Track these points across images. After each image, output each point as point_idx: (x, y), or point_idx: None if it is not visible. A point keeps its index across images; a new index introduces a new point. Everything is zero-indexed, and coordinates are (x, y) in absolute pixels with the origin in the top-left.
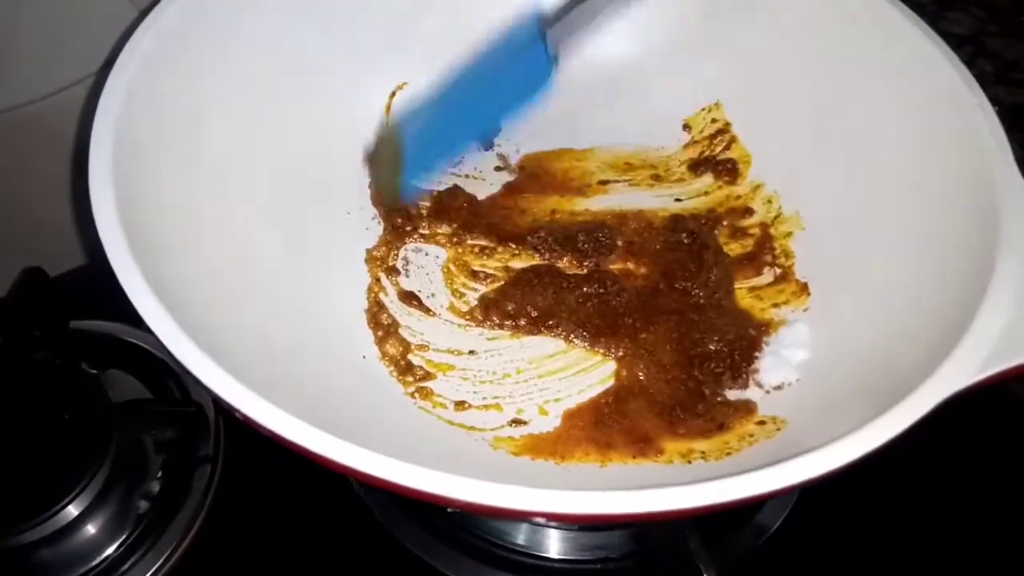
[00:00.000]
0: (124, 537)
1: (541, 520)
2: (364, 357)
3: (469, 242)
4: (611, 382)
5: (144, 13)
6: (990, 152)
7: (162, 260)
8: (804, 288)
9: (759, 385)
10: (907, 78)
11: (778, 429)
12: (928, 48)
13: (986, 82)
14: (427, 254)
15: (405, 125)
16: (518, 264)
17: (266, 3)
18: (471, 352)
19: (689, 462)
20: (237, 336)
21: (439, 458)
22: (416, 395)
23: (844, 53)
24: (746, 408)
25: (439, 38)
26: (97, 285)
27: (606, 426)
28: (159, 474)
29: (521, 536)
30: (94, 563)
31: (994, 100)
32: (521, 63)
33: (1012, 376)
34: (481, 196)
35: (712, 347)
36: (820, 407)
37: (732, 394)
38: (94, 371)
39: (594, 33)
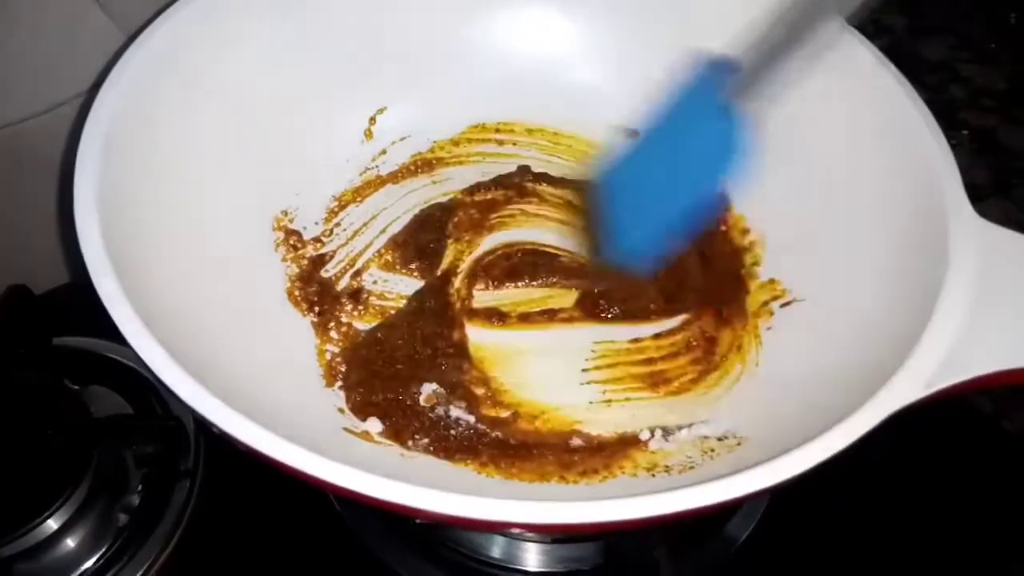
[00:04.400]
0: (103, 551)
1: (515, 531)
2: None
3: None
4: None
5: (131, 38)
6: (941, 180)
7: (145, 282)
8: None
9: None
10: (865, 109)
11: (738, 444)
12: (885, 81)
13: (956, 107)
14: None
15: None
16: None
17: (251, 31)
18: None
19: (653, 475)
20: (216, 355)
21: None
22: None
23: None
24: None
25: (417, 62)
26: (80, 302)
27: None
28: (139, 488)
29: (496, 549)
30: None
31: (963, 124)
32: (703, 128)
33: (959, 392)
34: None
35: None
36: (777, 423)
37: None
38: (76, 387)
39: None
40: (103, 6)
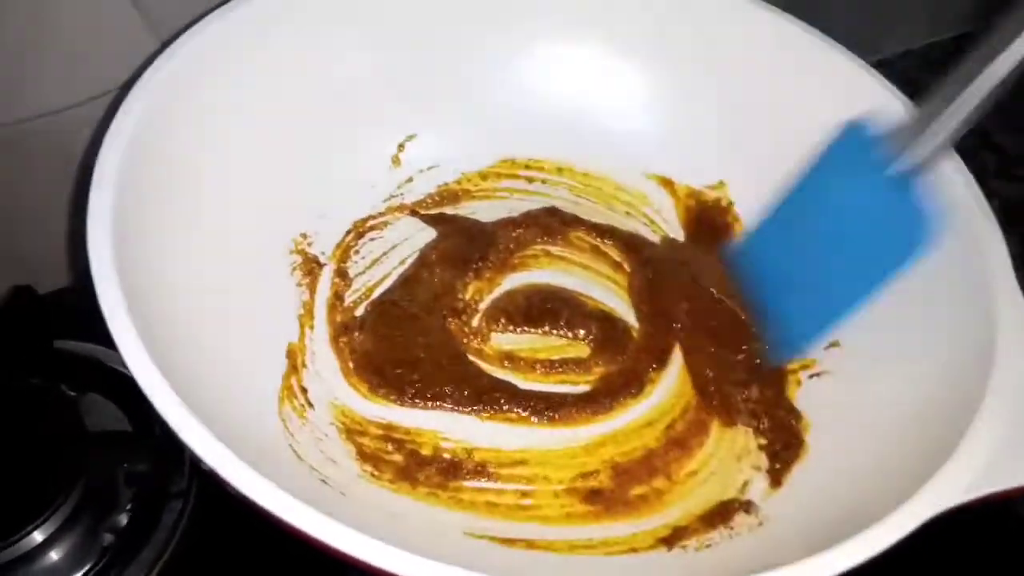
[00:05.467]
0: (87, 569)
1: None
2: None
3: None
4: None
5: (164, 45)
6: (993, 273)
7: (152, 298)
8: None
9: None
10: None
11: (760, 524)
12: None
13: (986, 174)
14: None
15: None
16: None
17: (287, 48)
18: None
19: (670, 550)
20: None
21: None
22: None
23: None
24: None
25: (451, 91)
26: (84, 305)
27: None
28: (128, 506)
29: None
30: None
31: (993, 193)
32: (874, 212)
33: (1000, 499)
34: None
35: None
36: (804, 512)
37: None
38: (73, 393)
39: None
40: (136, 3)
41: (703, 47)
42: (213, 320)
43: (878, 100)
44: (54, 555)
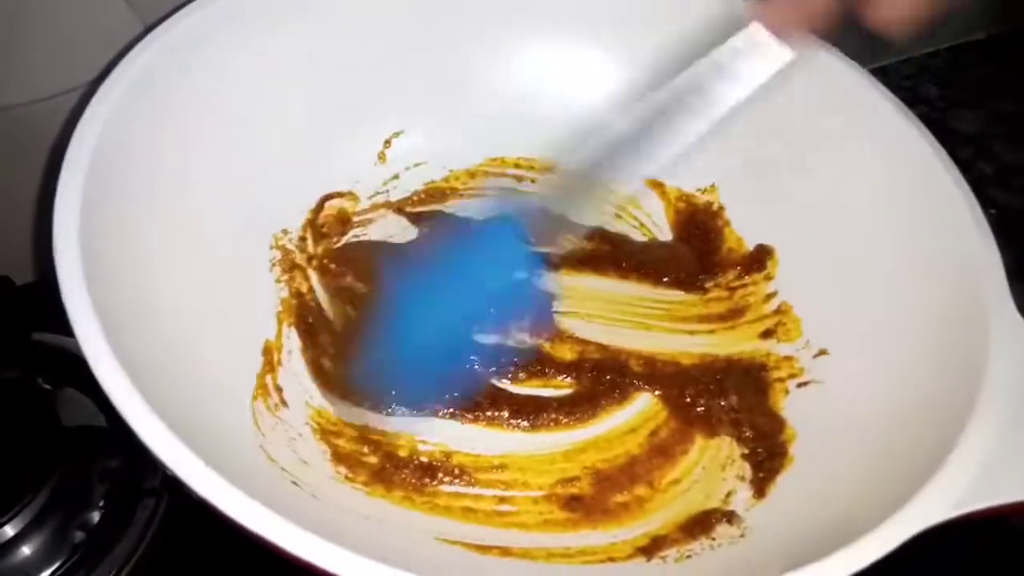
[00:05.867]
0: (58, 565)
1: None
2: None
3: None
4: None
5: (144, 33)
6: (985, 283)
7: (121, 294)
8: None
9: None
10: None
11: (741, 535)
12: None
13: (983, 183)
14: None
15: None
16: None
17: (270, 39)
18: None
19: (648, 560)
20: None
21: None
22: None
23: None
24: None
25: (440, 87)
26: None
27: None
28: (101, 503)
29: None
30: None
31: (992, 203)
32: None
33: (991, 515)
34: None
35: None
36: (787, 523)
37: None
38: (49, 387)
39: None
40: None
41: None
42: (185, 314)
43: (872, 103)
44: (26, 550)
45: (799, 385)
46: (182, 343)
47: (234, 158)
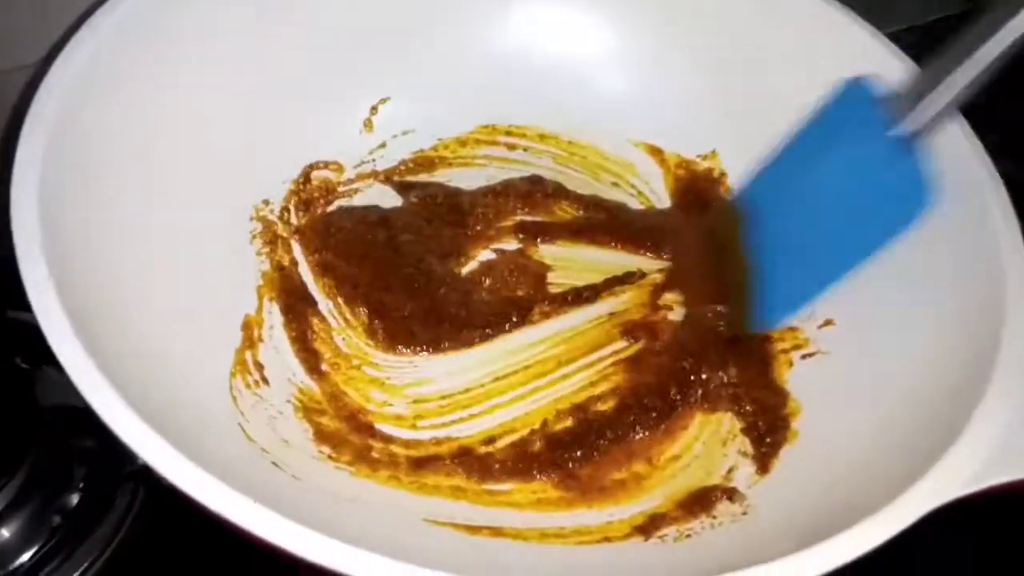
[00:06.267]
0: (36, 549)
1: None
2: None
3: None
4: None
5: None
6: (999, 243)
7: (85, 274)
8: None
9: None
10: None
11: (744, 513)
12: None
13: (992, 153)
14: None
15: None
16: None
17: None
18: None
19: (646, 540)
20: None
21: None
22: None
23: None
24: None
25: (428, 51)
26: None
27: None
28: (81, 485)
29: None
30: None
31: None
32: (876, 173)
33: (1005, 492)
34: None
35: None
36: (791, 499)
37: None
38: (27, 366)
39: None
40: None
41: (689, 5)
42: (156, 289)
43: (878, 61)
44: (3, 533)
45: (803, 357)
46: (152, 319)
47: (210, 124)
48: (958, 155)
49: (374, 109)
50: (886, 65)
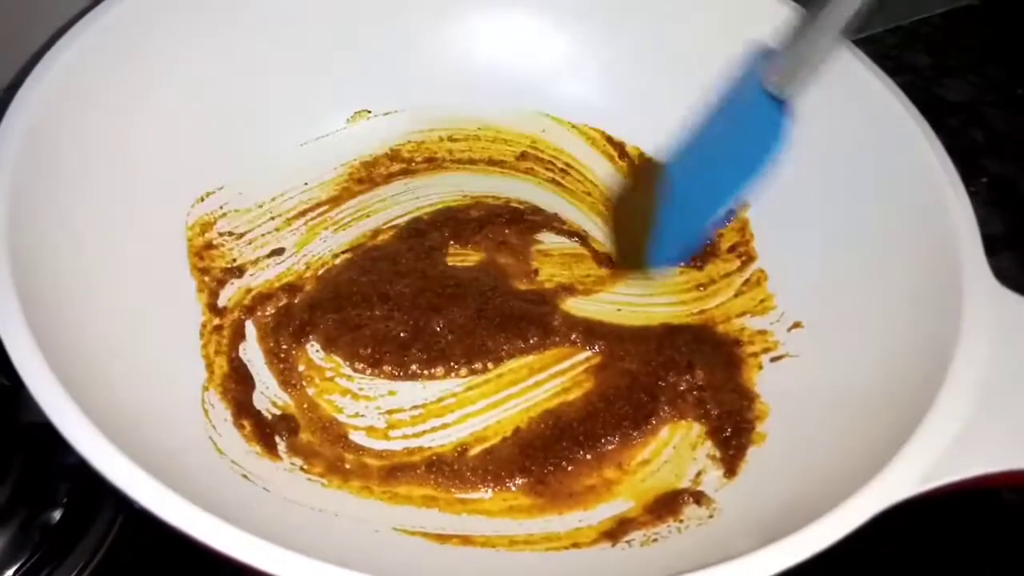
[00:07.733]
0: (19, 565)
1: None
2: None
3: None
4: None
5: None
6: (959, 241)
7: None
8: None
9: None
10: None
11: (710, 516)
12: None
13: (975, 151)
14: None
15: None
16: None
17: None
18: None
19: (613, 545)
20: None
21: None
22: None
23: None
24: None
25: (390, 60)
26: None
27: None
28: (64, 501)
29: None
30: None
31: (983, 171)
32: (749, 121)
33: (958, 490)
34: None
35: None
36: (756, 506)
37: None
38: (9, 383)
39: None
40: None
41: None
42: (123, 299)
43: (852, 73)
44: None
45: (773, 360)
46: (119, 330)
47: (177, 144)
48: (921, 164)
49: (351, 119)
50: (853, 75)
